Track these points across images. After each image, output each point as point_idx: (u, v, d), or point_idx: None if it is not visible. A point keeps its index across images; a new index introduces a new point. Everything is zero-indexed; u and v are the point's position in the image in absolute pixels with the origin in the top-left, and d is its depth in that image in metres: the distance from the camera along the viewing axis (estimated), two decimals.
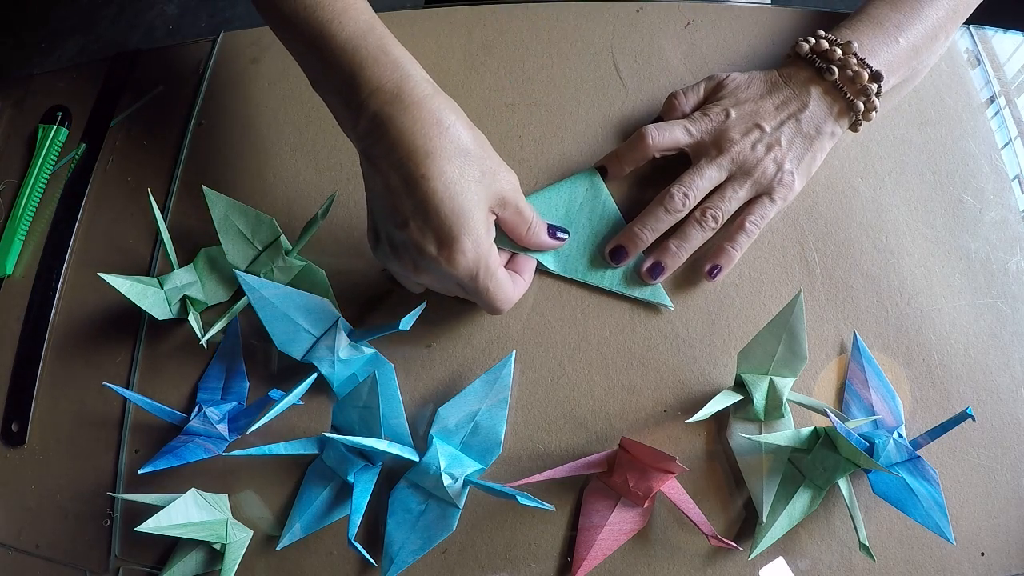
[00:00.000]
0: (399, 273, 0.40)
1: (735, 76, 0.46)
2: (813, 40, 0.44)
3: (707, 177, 0.43)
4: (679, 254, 0.43)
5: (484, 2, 0.54)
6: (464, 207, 0.35)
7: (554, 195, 0.46)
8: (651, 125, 0.44)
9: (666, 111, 0.47)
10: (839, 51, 0.43)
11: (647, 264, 0.44)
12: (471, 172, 0.36)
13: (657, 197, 0.44)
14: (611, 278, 0.44)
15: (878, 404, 0.41)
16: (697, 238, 0.43)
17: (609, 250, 0.44)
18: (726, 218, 0.43)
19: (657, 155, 0.45)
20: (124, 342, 0.45)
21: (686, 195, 0.43)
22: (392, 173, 0.36)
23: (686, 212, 0.43)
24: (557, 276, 0.45)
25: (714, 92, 0.46)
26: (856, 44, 0.43)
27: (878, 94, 0.43)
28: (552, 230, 0.42)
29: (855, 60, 0.43)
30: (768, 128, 0.43)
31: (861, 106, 0.43)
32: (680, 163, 0.45)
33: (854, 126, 0.45)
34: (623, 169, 0.46)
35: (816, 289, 0.45)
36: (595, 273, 0.44)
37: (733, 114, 0.44)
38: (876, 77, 0.43)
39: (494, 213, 0.38)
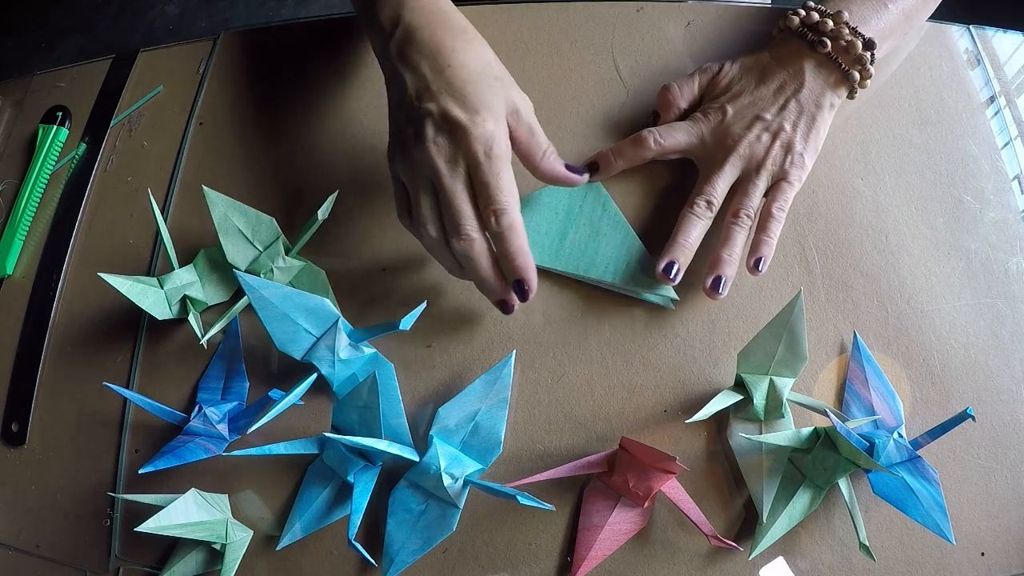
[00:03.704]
0: (419, 159, 0.38)
1: (728, 68, 0.46)
2: (803, 12, 0.44)
3: (724, 177, 0.43)
4: (732, 260, 0.43)
5: (484, 2, 0.54)
6: (485, 92, 0.39)
7: (555, 196, 0.46)
8: (652, 128, 0.44)
9: (661, 105, 0.47)
10: (830, 22, 0.43)
11: (708, 281, 0.42)
12: (490, 71, 0.40)
13: (684, 209, 0.43)
14: (613, 274, 0.44)
15: (878, 404, 0.41)
16: (741, 239, 0.43)
17: (662, 268, 0.42)
18: (758, 211, 0.43)
19: (657, 158, 0.45)
20: (124, 342, 0.45)
21: (709, 202, 0.43)
22: (423, 62, 0.39)
23: (715, 212, 0.43)
24: (558, 276, 0.45)
25: (709, 86, 0.46)
26: (846, 13, 0.43)
27: (872, 62, 0.43)
28: (568, 164, 0.42)
29: (847, 30, 0.43)
30: (769, 116, 0.43)
31: (857, 75, 0.43)
32: (680, 162, 0.46)
33: (851, 94, 0.45)
34: (615, 167, 0.45)
35: (816, 289, 0.45)
36: (596, 269, 0.44)
37: (730, 111, 0.44)
38: (869, 45, 0.43)
39: (508, 123, 0.40)
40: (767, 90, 0.44)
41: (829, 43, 0.43)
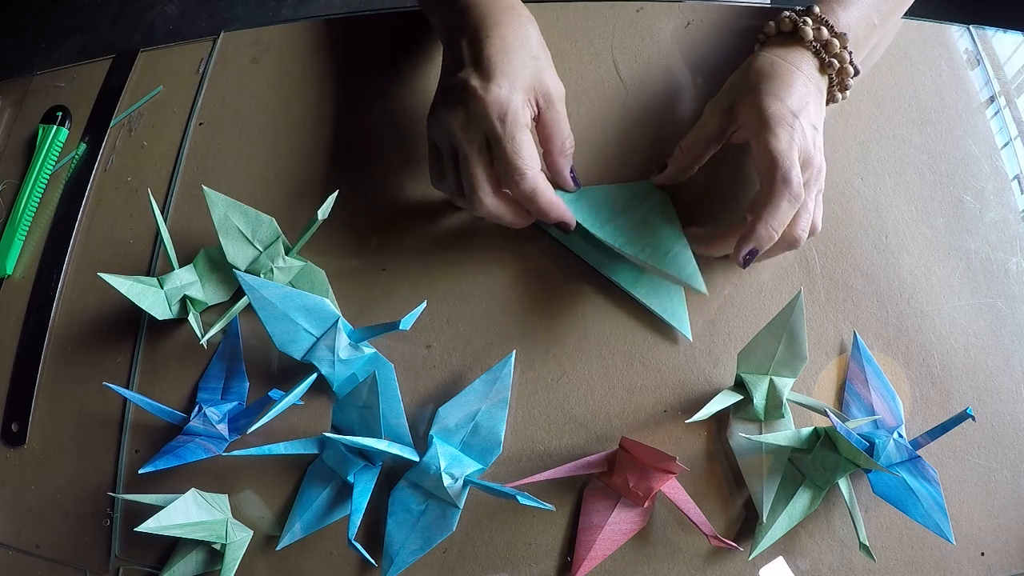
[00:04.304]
0: (443, 125, 0.40)
1: (770, 88, 0.40)
2: (811, 22, 0.42)
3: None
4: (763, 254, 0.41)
5: None
6: (511, 64, 0.40)
7: (615, 192, 0.45)
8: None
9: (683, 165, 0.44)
10: (836, 44, 0.42)
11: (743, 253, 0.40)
12: (527, 50, 0.41)
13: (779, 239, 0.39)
14: (649, 256, 0.42)
15: (878, 404, 0.41)
16: (780, 252, 0.41)
17: (743, 256, 0.39)
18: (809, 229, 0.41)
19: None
20: (124, 342, 0.45)
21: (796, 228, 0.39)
22: (464, 36, 0.42)
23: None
24: (558, 276, 0.45)
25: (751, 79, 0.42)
26: (848, 36, 0.42)
27: (849, 89, 0.44)
28: (573, 172, 0.44)
29: (848, 57, 0.42)
30: (818, 127, 0.41)
31: (840, 97, 0.44)
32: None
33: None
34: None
35: (816, 289, 0.45)
36: (634, 246, 0.42)
37: (801, 119, 0.39)
38: (857, 73, 0.43)
39: (536, 103, 0.41)
40: (812, 100, 0.41)
41: (836, 64, 0.42)
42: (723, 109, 0.42)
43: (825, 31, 0.42)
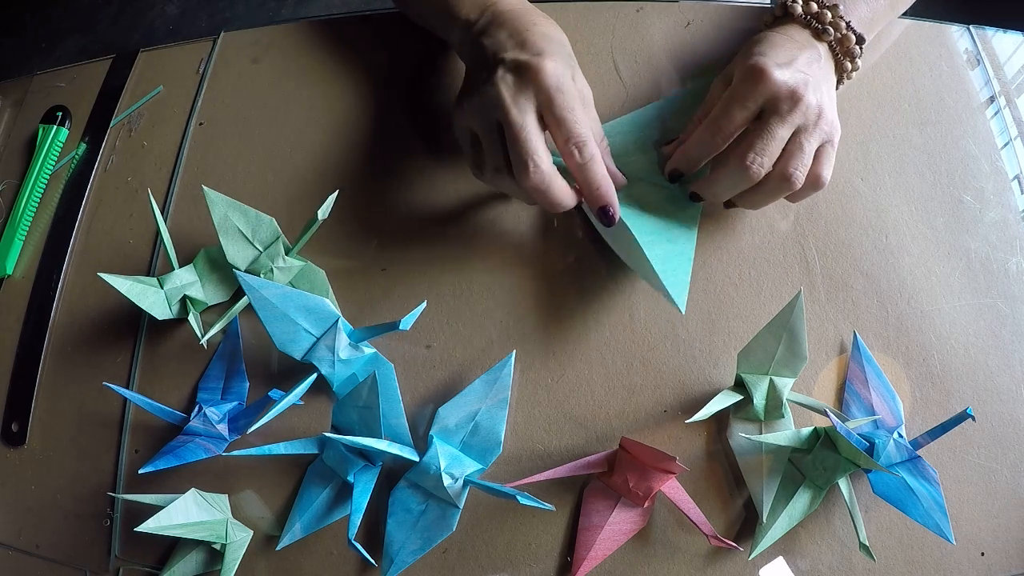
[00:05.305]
0: (487, 100, 0.39)
1: (758, 49, 0.42)
2: (801, 1, 0.44)
3: (779, 138, 0.40)
4: (757, 206, 0.43)
5: None
6: (558, 54, 0.40)
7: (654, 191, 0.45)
8: (711, 122, 0.41)
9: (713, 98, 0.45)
10: (829, 14, 0.43)
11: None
12: (566, 48, 0.42)
13: (733, 161, 0.40)
14: (658, 250, 0.41)
15: (878, 404, 0.41)
16: (778, 196, 0.41)
17: (669, 171, 0.43)
18: (806, 173, 0.41)
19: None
20: (124, 342, 0.45)
21: (762, 164, 0.40)
22: (503, 31, 0.42)
23: (762, 177, 0.40)
24: (559, 276, 0.45)
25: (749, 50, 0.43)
26: (842, 7, 0.43)
27: (860, 55, 0.44)
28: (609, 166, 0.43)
29: (844, 24, 0.43)
30: (814, 80, 0.41)
31: (848, 66, 0.44)
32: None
33: (838, 84, 0.45)
34: (695, 168, 0.43)
35: (816, 289, 0.45)
36: (646, 229, 0.42)
37: (788, 71, 0.40)
38: (860, 40, 0.43)
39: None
40: (804, 59, 0.41)
41: (832, 32, 0.43)
42: (725, 75, 0.43)
43: (814, 4, 0.43)
